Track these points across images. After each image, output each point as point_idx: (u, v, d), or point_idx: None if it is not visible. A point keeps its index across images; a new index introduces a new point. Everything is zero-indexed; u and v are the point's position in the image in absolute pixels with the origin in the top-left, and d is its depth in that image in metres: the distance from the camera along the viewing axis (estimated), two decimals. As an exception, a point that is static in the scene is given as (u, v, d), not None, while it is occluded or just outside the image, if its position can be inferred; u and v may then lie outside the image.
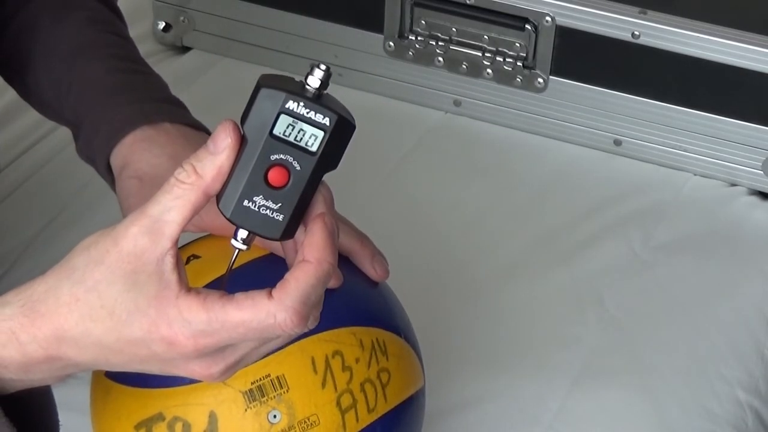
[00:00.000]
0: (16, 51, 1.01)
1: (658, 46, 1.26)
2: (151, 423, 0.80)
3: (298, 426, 0.80)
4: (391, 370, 0.85)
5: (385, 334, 0.86)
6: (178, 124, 0.92)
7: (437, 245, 1.21)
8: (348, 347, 0.83)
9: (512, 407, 1.05)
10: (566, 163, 1.33)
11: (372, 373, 0.83)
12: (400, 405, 0.86)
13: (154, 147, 0.90)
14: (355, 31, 1.38)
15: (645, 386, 1.08)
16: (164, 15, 1.45)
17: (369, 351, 0.84)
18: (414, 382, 0.89)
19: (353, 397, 0.82)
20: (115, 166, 0.92)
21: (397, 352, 0.87)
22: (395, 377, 0.85)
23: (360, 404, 0.82)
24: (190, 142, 0.91)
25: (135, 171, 0.90)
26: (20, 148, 1.29)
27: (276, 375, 0.80)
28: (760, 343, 1.14)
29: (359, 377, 0.83)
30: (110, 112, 0.93)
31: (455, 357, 1.09)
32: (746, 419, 1.08)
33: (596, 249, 1.22)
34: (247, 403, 0.79)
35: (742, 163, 1.29)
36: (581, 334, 1.13)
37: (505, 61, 1.32)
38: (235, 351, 0.72)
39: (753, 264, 1.22)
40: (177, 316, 0.69)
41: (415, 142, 1.35)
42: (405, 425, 0.87)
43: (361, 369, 0.83)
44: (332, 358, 0.81)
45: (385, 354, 0.85)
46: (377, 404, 0.83)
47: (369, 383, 0.83)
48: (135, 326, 0.69)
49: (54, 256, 1.15)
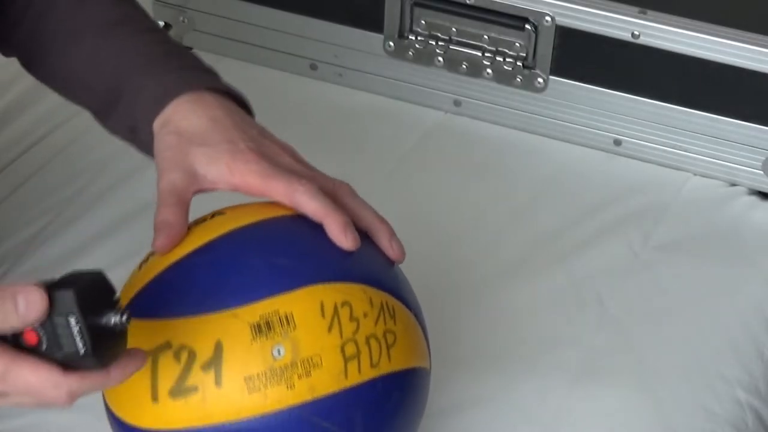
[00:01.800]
0: (37, 34, 1.03)
1: (658, 46, 1.26)
2: (158, 352, 0.82)
3: (301, 364, 0.81)
4: (397, 334, 0.86)
5: (395, 302, 0.88)
6: (216, 93, 0.96)
7: (437, 245, 1.21)
8: (357, 301, 0.84)
9: (512, 407, 1.05)
10: (566, 163, 1.33)
11: (378, 331, 0.84)
12: (404, 371, 0.86)
13: (198, 108, 0.93)
14: (355, 31, 1.38)
15: (645, 386, 1.08)
16: (164, 15, 1.45)
17: (378, 309, 0.85)
18: (420, 356, 0.89)
19: (357, 348, 0.83)
20: (156, 126, 0.94)
21: (405, 320, 0.88)
22: (401, 342, 0.86)
23: (363, 356, 0.83)
24: (232, 113, 0.95)
25: (175, 127, 0.93)
26: (20, 148, 1.29)
27: (284, 312, 0.82)
28: (760, 343, 1.14)
29: (365, 330, 0.84)
30: (155, 79, 0.96)
31: (455, 357, 1.09)
32: (746, 419, 1.08)
33: (596, 249, 1.22)
34: (253, 336, 0.81)
35: (742, 163, 1.29)
36: (581, 334, 1.13)
37: (505, 61, 1.32)
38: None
39: (753, 264, 1.22)
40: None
41: (415, 142, 1.35)
42: (407, 395, 0.88)
43: (368, 323, 0.84)
44: (341, 307, 0.83)
45: (393, 318, 0.86)
46: (381, 361, 0.84)
47: (374, 339, 0.84)
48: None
49: (54, 256, 1.16)
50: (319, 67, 1.41)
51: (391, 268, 0.91)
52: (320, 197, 0.88)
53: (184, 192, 0.89)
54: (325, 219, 0.87)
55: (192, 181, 0.90)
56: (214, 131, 0.92)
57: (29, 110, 1.33)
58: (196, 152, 0.90)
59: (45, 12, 1.02)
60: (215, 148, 0.91)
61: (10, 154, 1.28)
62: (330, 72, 1.41)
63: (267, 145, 0.93)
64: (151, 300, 0.85)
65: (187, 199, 0.89)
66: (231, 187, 0.90)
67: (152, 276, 0.86)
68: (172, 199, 0.89)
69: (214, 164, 0.90)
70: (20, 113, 1.32)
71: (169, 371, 0.82)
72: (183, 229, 0.87)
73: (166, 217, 0.87)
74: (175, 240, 0.86)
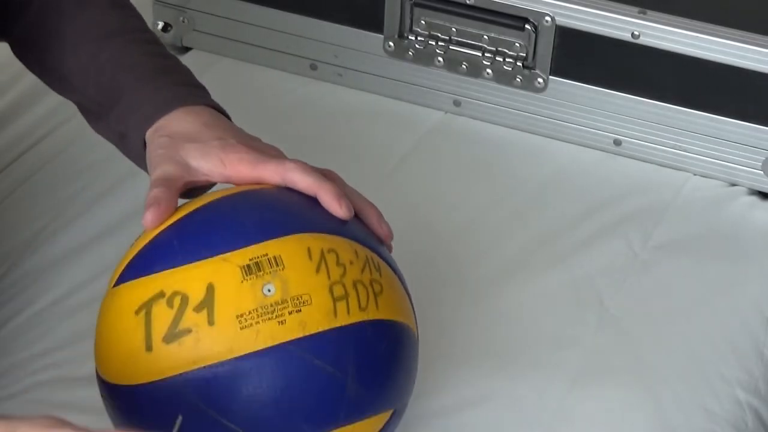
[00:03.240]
0: (37, 31, 1.04)
1: (658, 46, 1.26)
2: (151, 302, 0.84)
3: (291, 301, 0.83)
4: (384, 286, 0.88)
5: (380, 260, 0.90)
6: (207, 107, 0.98)
7: (437, 245, 1.21)
8: (343, 251, 0.87)
9: (512, 407, 1.05)
10: (566, 163, 1.33)
11: (365, 278, 0.87)
12: (392, 322, 0.88)
13: (189, 116, 0.96)
14: (355, 31, 1.38)
15: (645, 386, 1.08)
16: (164, 15, 1.45)
17: (363, 260, 0.88)
18: (408, 315, 0.92)
19: (345, 290, 0.85)
20: (148, 135, 0.96)
21: (390, 277, 0.90)
22: (387, 293, 0.88)
23: (351, 299, 0.85)
24: (221, 120, 0.97)
25: (167, 131, 0.95)
26: (20, 149, 1.29)
27: (273, 255, 0.84)
28: (760, 343, 1.14)
29: (352, 276, 0.86)
30: (150, 94, 0.98)
31: (455, 357, 1.09)
32: (746, 419, 1.08)
33: (596, 249, 1.22)
34: (243, 276, 0.83)
35: (742, 163, 1.29)
36: (581, 334, 1.13)
37: (505, 61, 1.32)
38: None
39: (753, 264, 1.22)
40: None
41: (415, 142, 1.35)
42: (397, 347, 0.89)
43: (355, 270, 0.87)
44: (327, 253, 0.86)
45: (378, 271, 0.89)
46: (369, 306, 0.86)
47: (361, 284, 0.86)
48: None
49: (54, 256, 1.16)
50: (319, 67, 1.41)
51: (380, 243, 0.93)
52: (312, 173, 0.91)
53: (177, 180, 0.91)
54: (318, 191, 0.90)
55: (185, 172, 0.92)
56: (205, 131, 0.94)
57: (29, 111, 1.33)
58: (189, 147, 0.93)
59: (50, 10, 1.03)
60: (207, 144, 0.93)
61: (10, 154, 1.28)
62: (330, 72, 1.41)
63: (256, 141, 0.96)
64: (145, 260, 0.87)
65: (178, 186, 0.91)
66: (224, 178, 0.92)
67: (146, 242, 0.88)
68: (164, 182, 0.90)
69: (206, 158, 0.92)
70: (20, 113, 1.32)
71: (162, 318, 0.84)
72: (171, 206, 0.89)
73: (156, 194, 0.89)
74: (163, 216, 0.88)
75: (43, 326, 1.09)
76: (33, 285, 1.13)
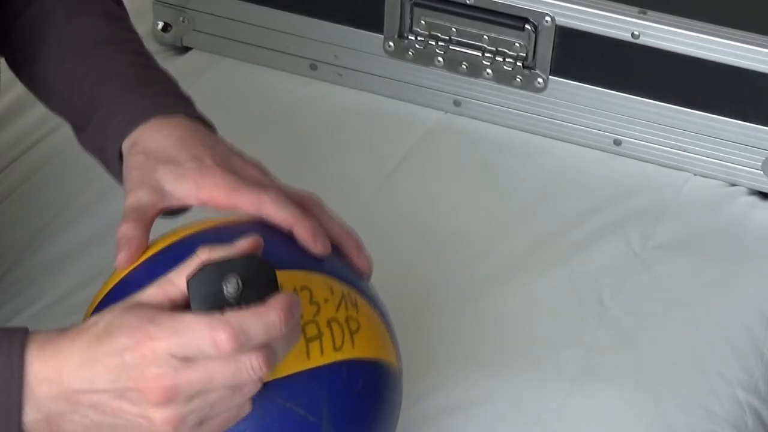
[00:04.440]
0: (28, 40, 1.03)
1: (658, 46, 1.26)
2: None
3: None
4: (361, 323, 0.85)
5: (357, 295, 0.87)
6: (189, 117, 0.96)
7: (437, 245, 1.21)
8: (317, 288, 0.84)
9: (512, 407, 1.05)
10: (566, 163, 1.33)
11: (340, 316, 0.84)
12: (370, 361, 0.85)
13: (165, 129, 0.94)
14: (355, 31, 1.38)
15: (645, 386, 1.08)
16: (164, 15, 1.45)
17: (339, 297, 0.85)
18: (388, 351, 0.88)
19: (319, 330, 0.82)
20: (125, 147, 0.95)
21: (368, 313, 0.87)
22: (365, 330, 0.85)
23: (326, 338, 0.82)
24: (199, 131, 0.95)
25: (142, 148, 0.93)
26: (20, 149, 1.29)
27: None
28: (760, 343, 1.14)
29: (326, 314, 0.83)
30: (128, 103, 0.96)
31: (455, 357, 1.09)
32: (746, 419, 1.08)
33: (596, 249, 1.22)
34: None
35: (742, 163, 1.29)
36: (581, 334, 1.13)
37: (505, 61, 1.32)
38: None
39: (753, 264, 1.22)
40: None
41: (415, 142, 1.35)
42: (375, 387, 0.86)
43: (329, 308, 0.83)
44: (300, 291, 0.83)
45: (355, 307, 0.85)
46: (344, 345, 0.83)
47: (336, 323, 0.83)
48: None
49: (54, 256, 1.16)
50: (319, 67, 1.41)
51: (359, 277, 0.90)
52: (288, 206, 0.88)
53: (149, 208, 0.90)
54: (294, 226, 0.88)
55: (159, 198, 0.90)
56: (181, 149, 0.92)
57: (29, 111, 1.33)
58: (164, 170, 0.91)
59: (41, 19, 1.02)
60: (182, 166, 0.91)
61: (10, 155, 1.28)
62: (330, 72, 1.41)
63: (234, 161, 0.93)
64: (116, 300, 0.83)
65: (150, 216, 0.90)
66: (198, 202, 0.91)
67: (116, 281, 0.87)
68: (135, 214, 0.89)
69: (181, 181, 0.90)
70: (20, 114, 1.32)
71: None
72: (143, 244, 0.88)
73: (126, 232, 0.88)
74: (134, 255, 0.87)
75: (43, 326, 1.08)
76: (33, 285, 1.13)
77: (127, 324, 0.76)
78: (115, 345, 0.76)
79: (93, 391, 0.76)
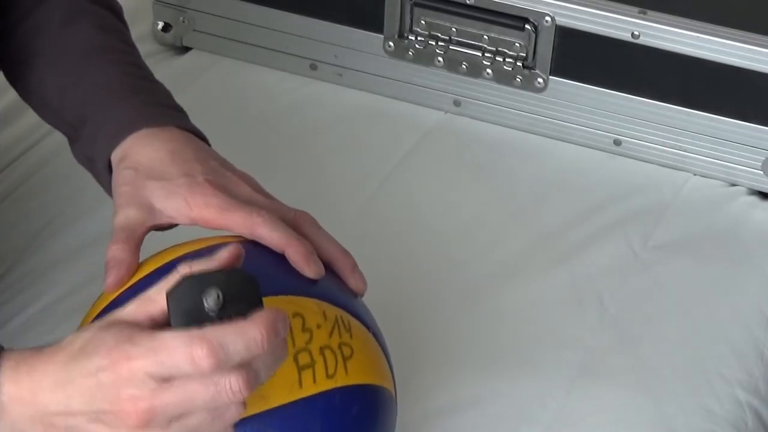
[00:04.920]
0: (23, 51, 1.02)
1: (658, 46, 1.26)
2: None
3: None
4: (354, 349, 0.84)
5: (350, 318, 0.85)
6: (181, 129, 0.94)
7: (437, 245, 1.21)
8: (310, 314, 0.82)
9: (512, 407, 1.05)
10: (566, 163, 1.33)
11: (333, 343, 0.82)
12: (364, 387, 0.84)
13: (155, 142, 0.92)
14: (355, 31, 1.38)
15: (645, 386, 1.08)
16: (164, 15, 1.45)
17: (332, 323, 0.83)
18: (382, 375, 0.87)
19: (312, 358, 0.81)
20: (114, 160, 0.93)
21: (362, 336, 0.86)
22: (359, 356, 0.84)
23: (318, 366, 0.81)
24: (190, 143, 0.93)
25: (132, 162, 0.91)
26: (20, 149, 1.29)
27: None
28: (760, 343, 1.14)
29: (319, 341, 0.81)
30: (117, 112, 0.95)
31: (455, 357, 1.09)
32: (746, 419, 1.08)
33: (596, 249, 1.22)
34: None
35: (742, 163, 1.29)
36: (581, 334, 1.13)
37: (505, 61, 1.32)
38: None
39: (753, 264, 1.22)
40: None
41: (415, 142, 1.35)
42: (369, 413, 0.84)
43: (322, 335, 0.82)
44: (292, 318, 0.80)
45: (349, 332, 0.84)
46: (337, 373, 0.82)
47: (329, 350, 0.82)
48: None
49: (54, 256, 1.16)
50: (319, 67, 1.41)
51: (353, 297, 0.89)
52: (281, 227, 0.87)
53: (138, 227, 0.89)
54: (287, 249, 0.86)
55: (148, 216, 0.89)
56: (171, 164, 0.90)
57: (29, 111, 1.32)
58: (154, 187, 0.89)
59: (37, 31, 1.01)
60: (173, 182, 0.89)
61: (10, 154, 1.28)
62: (330, 72, 1.41)
63: (226, 177, 0.91)
64: None
65: (139, 235, 0.89)
66: (189, 221, 0.89)
67: (105, 305, 0.86)
68: (124, 234, 0.88)
69: (171, 199, 0.89)
70: (21, 113, 1.31)
71: None
72: (133, 266, 0.87)
73: (115, 254, 0.87)
74: (124, 278, 0.86)
75: (43, 326, 1.09)
76: (33, 285, 1.13)
77: (103, 343, 0.73)
78: (90, 365, 0.73)
79: (68, 413, 0.74)
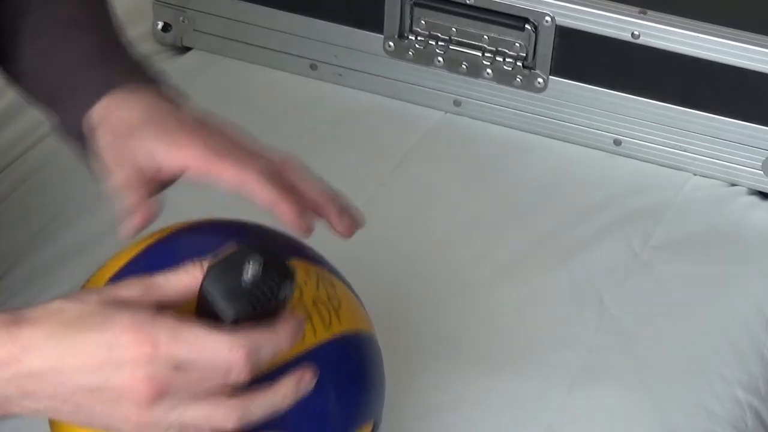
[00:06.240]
0: (6, 30, 1.01)
1: (658, 46, 1.26)
2: None
3: None
4: (341, 300, 0.85)
5: (328, 274, 0.87)
6: (157, 91, 0.93)
7: (437, 245, 1.21)
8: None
9: (512, 407, 1.05)
10: (566, 163, 1.33)
11: (321, 295, 0.84)
12: (356, 333, 0.86)
13: (131, 101, 0.91)
14: (355, 31, 1.38)
15: (645, 386, 1.08)
16: (164, 15, 1.45)
17: (315, 278, 0.85)
18: (367, 321, 0.89)
19: (307, 311, 0.82)
20: (91, 127, 0.92)
21: (343, 288, 0.88)
22: (347, 305, 0.86)
23: (315, 318, 0.82)
24: (164, 103, 0.91)
25: (109, 127, 0.90)
26: (20, 149, 1.29)
27: None
28: (760, 343, 1.14)
29: (309, 295, 0.83)
30: (90, 78, 0.93)
31: (455, 356, 1.09)
32: (746, 419, 1.08)
33: (596, 249, 1.22)
34: None
35: (742, 163, 1.29)
36: (581, 334, 1.13)
37: (505, 61, 1.32)
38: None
39: (753, 264, 1.22)
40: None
41: (415, 142, 1.35)
42: (365, 357, 0.87)
43: (310, 289, 0.83)
44: None
45: (333, 286, 0.86)
46: (332, 322, 0.83)
47: (320, 302, 0.83)
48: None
49: (54, 256, 1.16)
50: (319, 67, 1.41)
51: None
52: (270, 185, 0.86)
53: (138, 178, 0.88)
54: (276, 206, 0.86)
55: (138, 173, 0.88)
56: (149, 121, 0.89)
57: (30, 110, 1.32)
58: (135, 145, 0.88)
59: (18, 11, 1.00)
60: (155, 135, 0.88)
61: (10, 154, 1.28)
62: (330, 72, 1.41)
63: (210, 126, 0.91)
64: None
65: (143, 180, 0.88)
66: (178, 166, 0.88)
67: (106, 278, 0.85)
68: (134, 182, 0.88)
69: (158, 147, 0.88)
70: (21, 113, 1.31)
71: None
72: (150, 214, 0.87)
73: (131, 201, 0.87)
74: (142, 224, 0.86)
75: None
76: (33, 285, 1.13)
77: (115, 320, 0.72)
78: (100, 339, 0.72)
79: (58, 381, 0.73)
